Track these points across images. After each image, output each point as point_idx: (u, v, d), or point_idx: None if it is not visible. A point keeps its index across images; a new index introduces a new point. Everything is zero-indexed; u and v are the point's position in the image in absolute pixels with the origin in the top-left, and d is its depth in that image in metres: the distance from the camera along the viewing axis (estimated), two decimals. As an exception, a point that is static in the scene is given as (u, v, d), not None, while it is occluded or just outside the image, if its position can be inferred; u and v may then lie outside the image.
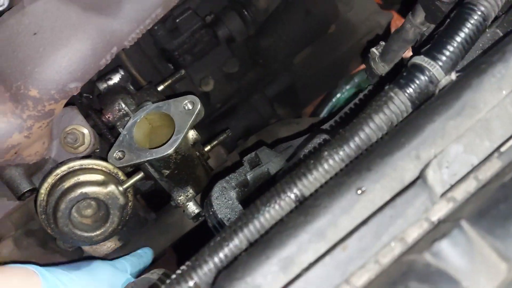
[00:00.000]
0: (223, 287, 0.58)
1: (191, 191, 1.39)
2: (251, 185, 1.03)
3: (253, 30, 1.68)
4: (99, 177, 1.04)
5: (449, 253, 0.47)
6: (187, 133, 1.22)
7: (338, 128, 0.99)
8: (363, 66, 2.14)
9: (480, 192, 0.55)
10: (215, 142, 1.48)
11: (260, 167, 1.05)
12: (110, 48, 1.10)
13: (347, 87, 2.46)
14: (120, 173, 1.11)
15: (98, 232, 1.05)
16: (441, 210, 0.55)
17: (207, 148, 1.45)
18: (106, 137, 1.33)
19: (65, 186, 1.03)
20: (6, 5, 1.04)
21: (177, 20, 1.56)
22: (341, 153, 0.67)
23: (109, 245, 1.40)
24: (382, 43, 1.11)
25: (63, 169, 1.07)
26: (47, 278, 0.95)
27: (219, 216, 0.99)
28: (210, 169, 1.50)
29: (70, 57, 1.02)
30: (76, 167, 1.07)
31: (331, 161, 0.67)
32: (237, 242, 0.66)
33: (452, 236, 0.49)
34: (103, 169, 1.09)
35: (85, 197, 1.01)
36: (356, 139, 0.67)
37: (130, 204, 1.10)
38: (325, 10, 1.82)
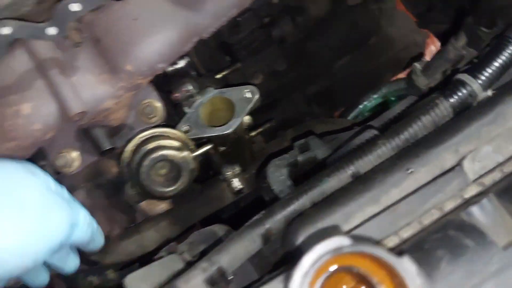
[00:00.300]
0: (297, 229, 0.76)
1: (237, 168, 1.58)
2: (299, 167, 1.21)
3: (303, 34, 1.86)
4: (176, 143, 1.23)
5: (480, 214, 0.66)
6: (243, 117, 1.42)
7: (382, 127, 1.16)
8: (393, 78, 2.32)
9: (503, 180, 0.72)
10: (260, 129, 1.68)
11: (309, 152, 1.23)
12: (192, 38, 1.29)
13: (374, 96, 2.63)
14: (190, 143, 1.30)
15: (168, 189, 1.24)
16: (472, 190, 0.73)
17: (252, 133, 1.65)
18: (170, 112, 1.52)
19: (148, 147, 1.22)
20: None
21: (239, 19, 1.75)
22: (393, 143, 0.85)
23: (163, 206, 1.60)
24: (425, 59, 1.28)
25: (147, 133, 1.26)
26: None
27: (272, 187, 1.18)
28: (253, 153, 1.70)
29: (161, 42, 1.21)
30: (157, 133, 1.27)
31: (384, 148, 0.86)
32: (303, 201, 0.85)
33: (482, 203, 0.67)
34: (179, 138, 1.28)
35: (164, 158, 1.21)
36: (406, 133, 0.86)
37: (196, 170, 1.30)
38: (369, 24, 2.01)
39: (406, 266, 0.59)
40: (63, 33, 1.06)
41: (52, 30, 1.04)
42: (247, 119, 1.50)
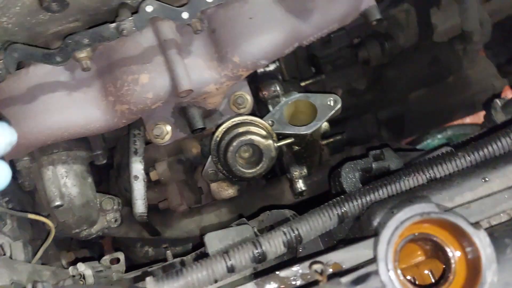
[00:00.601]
0: (375, 212, 0.87)
1: (305, 170, 1.71)
2: (371, 174, 1.32)
3: (386, 60, 1.98)
4: (263, 132, 1.37)
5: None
6: (323, 122, 1.55)
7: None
8: (462, 120, 2.40)
9: None
10: (331, 140, 1.80)
11: (383, 161, 1.34)
12: (294, 43, 1.43)
13: (439, 136, 2.71)
14: (274, 135, 1.44)
15: (248, 171, 1.38)
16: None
17: (323, 142, 1.77)
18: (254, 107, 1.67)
19: (239, 131, 1.37)
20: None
21: (332, 35, 1.89)
22: (471, 156, 0.96)
23: (231, 192, 1.74)
24: (506, 97, 1.38)
25: (239, 118, 1.42)
26: None
27: (344, 186, 1.29)
28: (320, 160, 1.82)
29: (269, 42, 1.36)
30: (248, 120, 1.41)
31: (463, 160, 0.96)
32: (381, 193, 0.96)
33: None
34: (265, 127, 1.42)
35: (250, 142, 1.35)
36: (485, 150, 0.96)
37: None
38: (451, 62, 2.10)
39: (481, 237, 0.69)
40: (192, 19, 1.22)
41: (185, 15, 1.20)
42: (325, 125, 1.63)
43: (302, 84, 1.82)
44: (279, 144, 1.43)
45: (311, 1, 1.43)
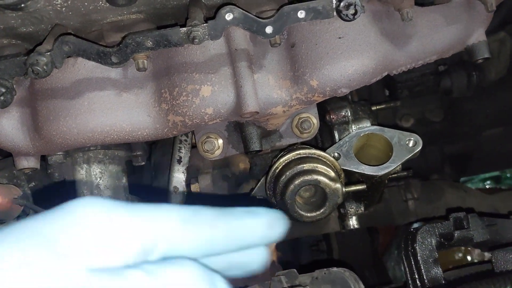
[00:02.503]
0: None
1: (362, 208, 1.52)
2: (452, 243, 1.13)
3: (471, 93, 1.75)
4: (331, 173, 1.18)
5: None
6: (399, 164, 1.34)
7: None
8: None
9: None
10: (395, 175, 1.60)
11: (467, 231, 1.14)
12: (383, 71, 1.22)
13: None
14: (342, 175, 1.24)
15: (308, 214, 1.19)
16: None
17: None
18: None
19: (304, 168, 1.17)
20: None
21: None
22: None
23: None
24: None
25: (305, 152, 1.22)
26: None
27: (418, 253, 1.10)
28: (381, 197, 1.62)
29: (356, 69, 1.15)
30: (316, 155, 1.22)
31: None
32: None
33: None
34: (335, 167, 1.23)
35: (316, 183, 1.15)
36: None
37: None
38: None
39: None
40: (276, 34, 1.02)
41: (269, 29, 1.00)
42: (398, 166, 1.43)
43: (373, 108, 1.61)
44: (348, 189, 1.24)
45: (412, 26, 1.21)
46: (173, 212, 0.57)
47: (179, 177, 1.42)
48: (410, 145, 1.35)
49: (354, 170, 1.31)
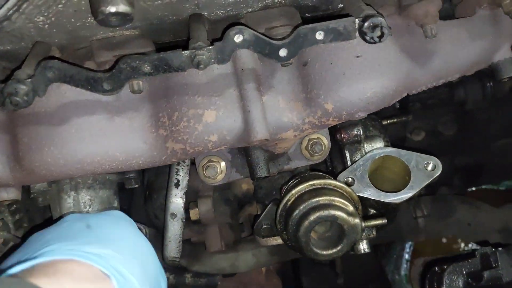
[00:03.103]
0: None
1: (374, 232, 1.41)
2: (482, 284, 1.02)
3: (486, 104, 1.64)
4: (350, 207, 1.06)
5: None
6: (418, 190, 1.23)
7: None
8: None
9: None
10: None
11: (496, 270, 1.04)
12: (404, 92, 1.11)
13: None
14: (360, 207, 1.13)
15: (324, 252, 1.07)
16: None
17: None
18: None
19: (320, 202, 1.05)
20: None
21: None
22: None
23: (280, 241, 1.43)
24: None
25: (320, 182, 1.10)
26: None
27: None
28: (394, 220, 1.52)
29: (375, 91, 1.03)
30: (331, 186, 1.10)
31: None
32: None
33: None
34: (352, 199, 1.11)
35: (334, 219, 1.04)
36: None
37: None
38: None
39: None
40: (290, 57, 0.90)
41: (283, 52, 0.88)
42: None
43: (384, 123, 1.49)
44: (367, 224, 1.12)
45: (434, 42, 1.09)
46: None
47: (177, 202, 1.29)
48: (429, 168, 1.24)
49: (368, 196, 1.19)
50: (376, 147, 1.32)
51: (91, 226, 0.98)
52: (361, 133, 1.32)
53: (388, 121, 1.53)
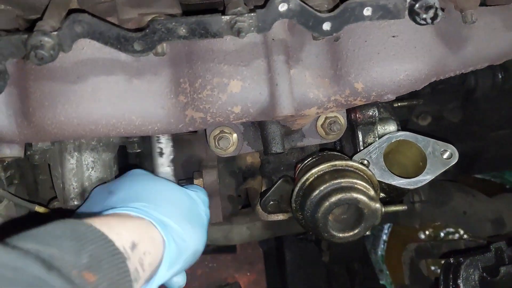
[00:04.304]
0: None
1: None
2: (497, 280, 1.02)
3: (495, 93, 1.63)
4: (371, 191, 1.03)
5: None
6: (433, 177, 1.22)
7: None
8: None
9: None
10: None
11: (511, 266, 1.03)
12: (434, 77, 1.08)
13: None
14: (379, 192, 1.10)
15: (340, 234, 1.04)
16: None
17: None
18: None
19: (342, 184, 1.02)
20: None
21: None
22: None
23: (281, 217, 1.39)
24: None
25: (341, 163, 1.06)
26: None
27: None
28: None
29: (408, 74, 1.00)
30: (352, 168, 1.07)
31: None
32: None
33: None
34: (374, 183, 1.09)
35: (355, 203, 1.01)
36: None
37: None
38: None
39: None
40: (334, 32, 0.85)
41: (326, 26, 0.83)
42: (428, 177, 1.30)
43: (396, 105, 1.47)
44: (387, 209, 1.10)
45: (469, 28, 1.06)
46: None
47: (165, 172, 1.21)
48: (445, 156, 1.22)
49: (385, 181, 1.17)
50: (389, 130, 1.29)
51: (112, 191, 1.02)
52: (377, 115, 1.29)
53: (399, 104, 1.51)
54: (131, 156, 1.45)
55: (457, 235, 2.40)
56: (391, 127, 1.30)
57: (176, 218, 0.96)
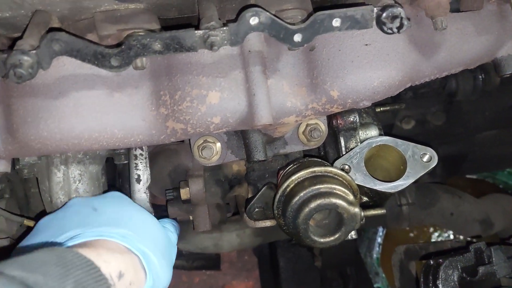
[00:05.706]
0: None
1: (363, 220, 1.42)
2: (476, 279, 1.04)
3: (476, 96, 1.66)
4: (350, 196, 1.05)
5: None
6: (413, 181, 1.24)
7: None
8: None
9: None
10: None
11: (491, 266, 1.05)
12: (408, 83, 1.10)
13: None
14: (358, 196, 1.13)
15: (321, 240, 1.07)
16: None
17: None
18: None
19: (321, 190, 1.04)
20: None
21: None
22: None
23: (268, 223, 1.41)
24: None
25: (321, 169, 1.09)
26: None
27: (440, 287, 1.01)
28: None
29: (382, 81, 1.03)
30: (331, 174, 1.09)
31: None
32: None
33: None
34: (353, 188, 1.11)
35: (334, 208, 1.03)
36: None
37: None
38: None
39: None
40: (305, 43, 0.88)
41: (297, 37, 0.86)
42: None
43: (377, 110, 1.50)
44: (366, 213, 1.12)
45: (441, 35, 1.09)
46: None
47: (141, 198, 1.23)
48: (425, 160, 1.24)
49: (366, 186, 1.19)
50: (371, 135, 1.32)
51: (97, 209, 1.01)
52: (357, 120, 1.31)
53: (381, 109, 1.54)
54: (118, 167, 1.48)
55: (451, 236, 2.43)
56: (373, 132, 1.33)
57: (156, 253, 0.98)
